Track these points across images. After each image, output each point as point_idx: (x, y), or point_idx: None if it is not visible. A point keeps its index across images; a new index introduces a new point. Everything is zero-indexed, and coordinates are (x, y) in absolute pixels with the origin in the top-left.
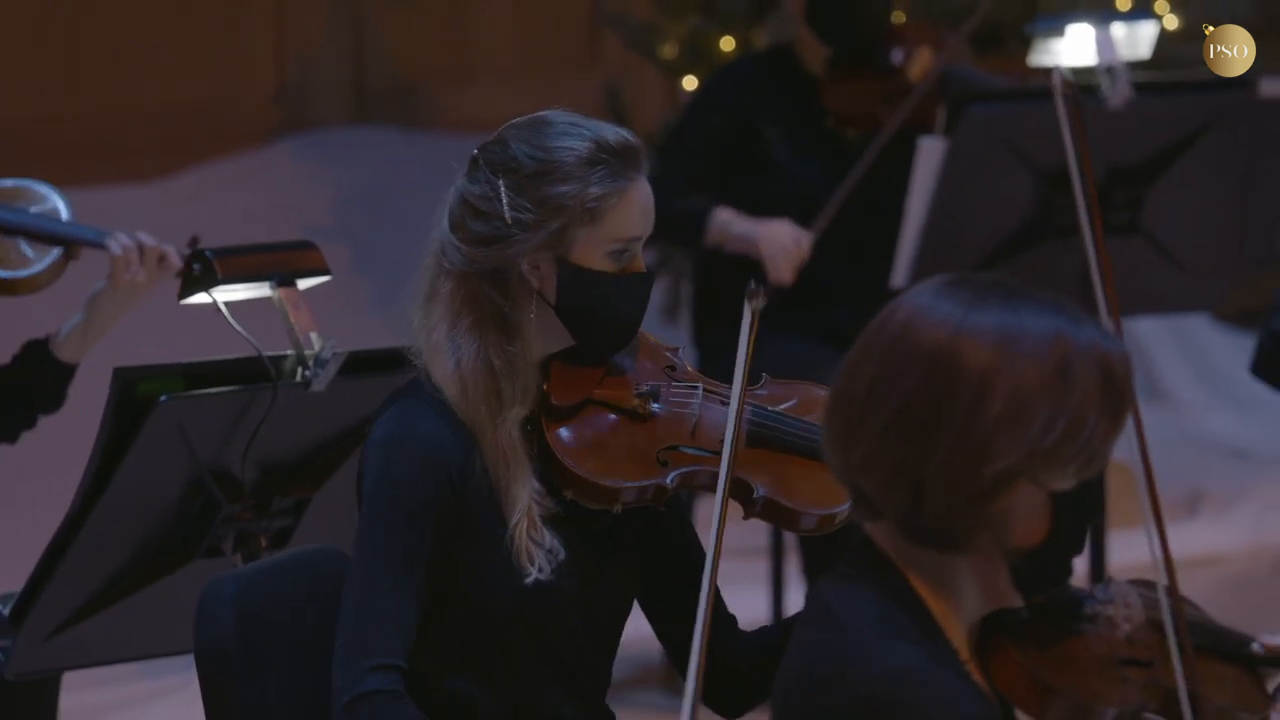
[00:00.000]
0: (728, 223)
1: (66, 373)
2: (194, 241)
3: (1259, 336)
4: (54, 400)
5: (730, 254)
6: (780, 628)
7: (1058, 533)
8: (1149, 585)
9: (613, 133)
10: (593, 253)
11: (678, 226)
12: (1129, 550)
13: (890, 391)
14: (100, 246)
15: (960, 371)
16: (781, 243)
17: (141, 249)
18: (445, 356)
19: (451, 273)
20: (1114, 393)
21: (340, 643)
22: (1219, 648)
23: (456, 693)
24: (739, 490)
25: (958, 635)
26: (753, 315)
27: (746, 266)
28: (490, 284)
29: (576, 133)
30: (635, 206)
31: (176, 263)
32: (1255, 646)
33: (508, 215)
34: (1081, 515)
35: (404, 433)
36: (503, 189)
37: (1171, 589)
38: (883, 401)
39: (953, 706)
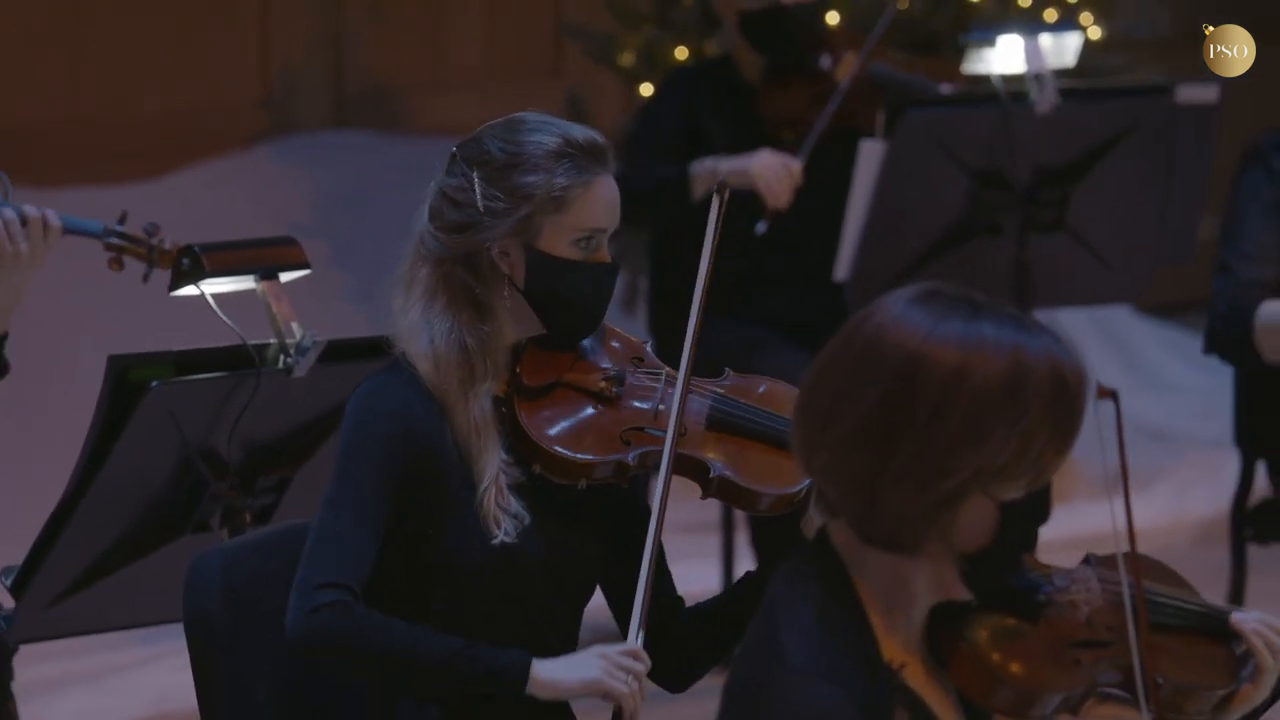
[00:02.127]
0: (714, 166)
1: None
2: (123, 217)
3: (1208, 321)
4: None
5: (677, 246)
6: (719, 601)
7: (1004, 538)
8: (1115, 563)
9: (581, 131)
10: (559, 241)
11: (662, 190)
12: (1059, 524)
13: (853, 403)
14: None
15: (922, 385)
16: (774, 170)
17: (24, 219)
18: (420, 335)
19: (429, 258)
20: (1065, 405)
21: (298, 575)
22: (1188, 623)
23: None
24: (697, 470)
25: (898, 633)
26: (720, 205)
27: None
28: (464, 268)
29: (547, 129)
30: (600, 199)
31: (57, 225)
32: (1236, 619)
33: (480, 204)
34: (1027, 522)
35: (375, 399)
36: (476, 180)
37: (1134, 563)
38: (846, 412)
39: None
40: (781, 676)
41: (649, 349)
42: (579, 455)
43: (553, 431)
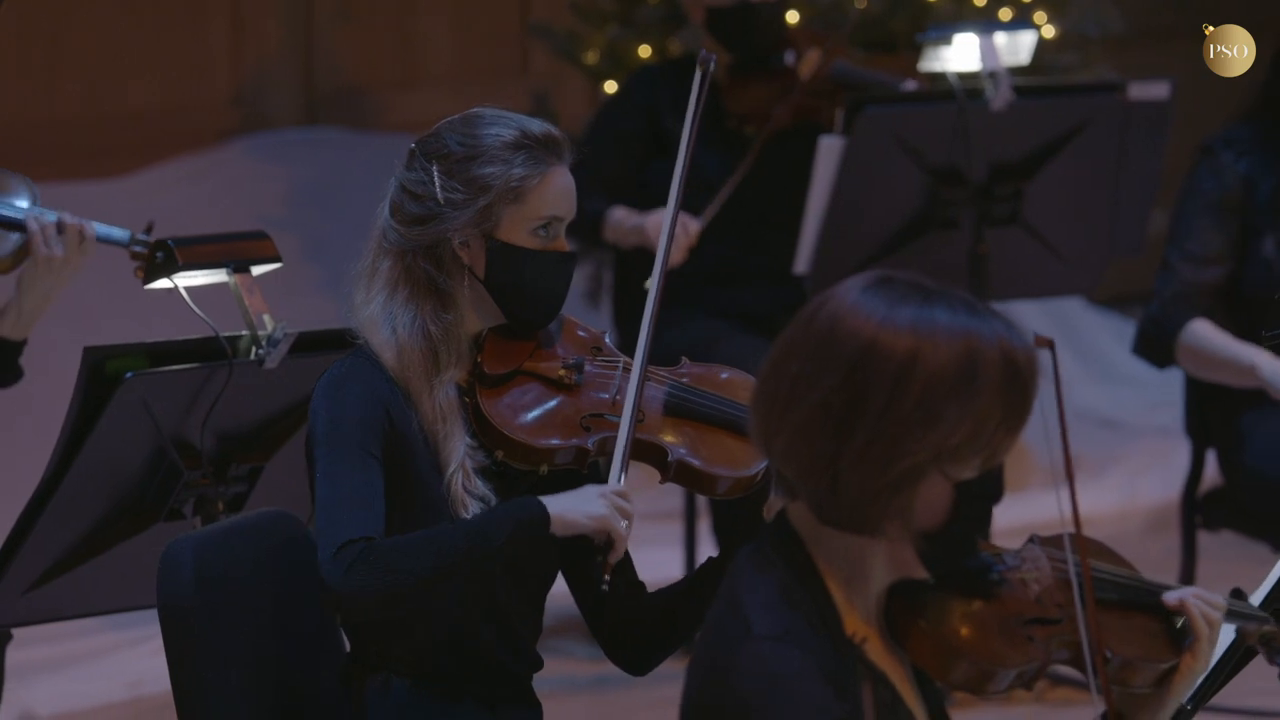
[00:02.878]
0: (621, 220)
1: (12, 349)
2: (149, 227)
3: (1139, 322)
4: (7, 374)
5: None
6: (681, 585)
7: (960, 517)
8: (1062, 543)
9: (537, 124)
10: (517, 230)
11: (579, 225)
12: (1014, 511)
13: (811, 387)
14: (19, 225)
15: (877, 371)
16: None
17: (60, 226)
18: (382, 325)
19: (390, 251)
20: (1017, 388)
21: (319, 544)
22: (1132, 600)
23: (393, 622)
24: (655, 454)
25: (858, 611)
26: (703, 76)
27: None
28: (426, 260)
29: (503, 122)
30: (556, 189)
31: (92, 233)
32: (1168, 596)
33: (440, 196)
34: (982, 501)
35: (345, 382)
36: (436, 173)
37: (1080, 542)
38: (804, 396)
39: (807, 716)
40: (746, 644)
41: (608, 339)
42: (539, 442)
43: (514, 418)
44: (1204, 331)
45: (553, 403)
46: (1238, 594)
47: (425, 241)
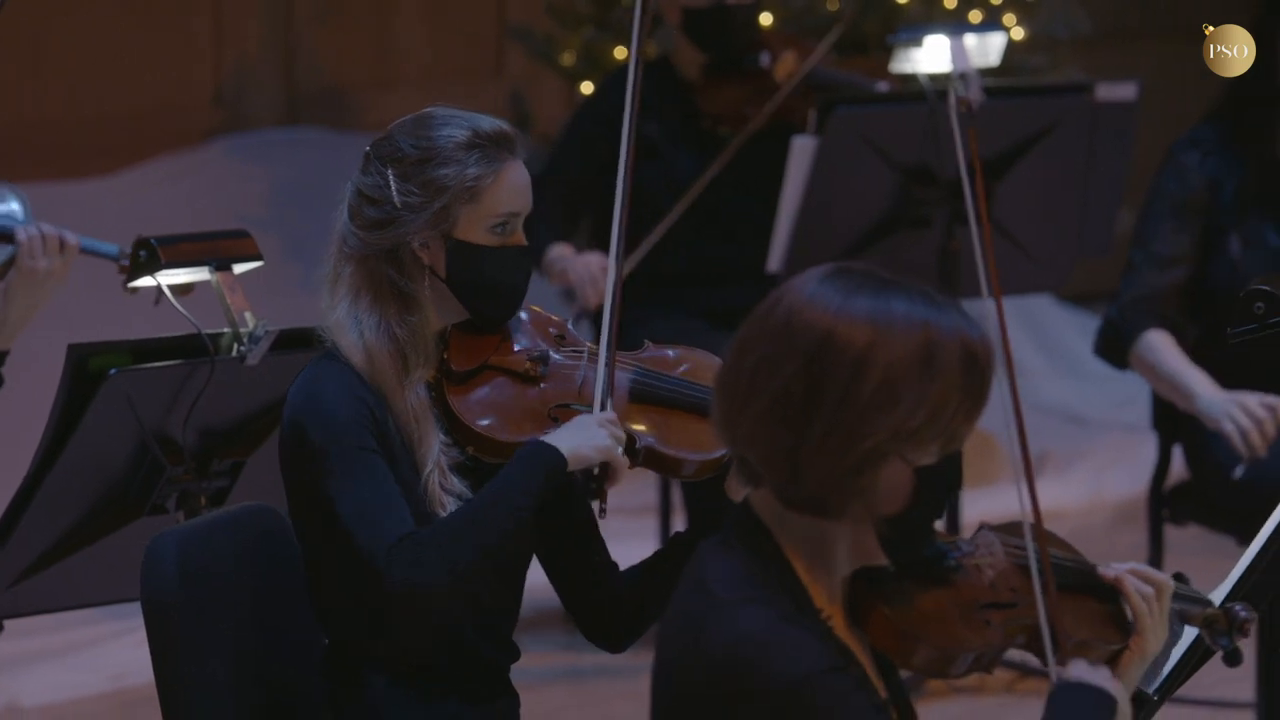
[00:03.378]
0: (554, 258)
1: None
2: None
3: (1101, 322)
4: None
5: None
6: (651, 559)
7: (920, 501)
8: (1014, 530)
9: (488, 122)
10: (475, 229)
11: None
12: (982, 504)
13: (771, 376)
14: (9, 236)
15: (835, 360)
16: (589, 271)
17: (44, 238)
18: (349, 329)
19: (352, 256)
20: (975, 377)
21: (368, 560)
22: (1080, 584)
23: (374, 613)
24: (623, 441)
25: (822, 594)
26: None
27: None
28: (387, 263)
29: (455, 123)
30: (511, 185)
31: (75, 243)
32: (1105, 571)
33: (397, 200)
34: (942, 486)
35: (319, 382)
36: (391, 177)
37: (1038, 529)
38: (764, 385)
39: (794, 663)
40: (714, 610)
41: (570, 326)
42: (507, 436)
43: (482, 414)
44: (1158, 344)
45: (520, 396)
46: (1179, 578)
47: (385, 246)
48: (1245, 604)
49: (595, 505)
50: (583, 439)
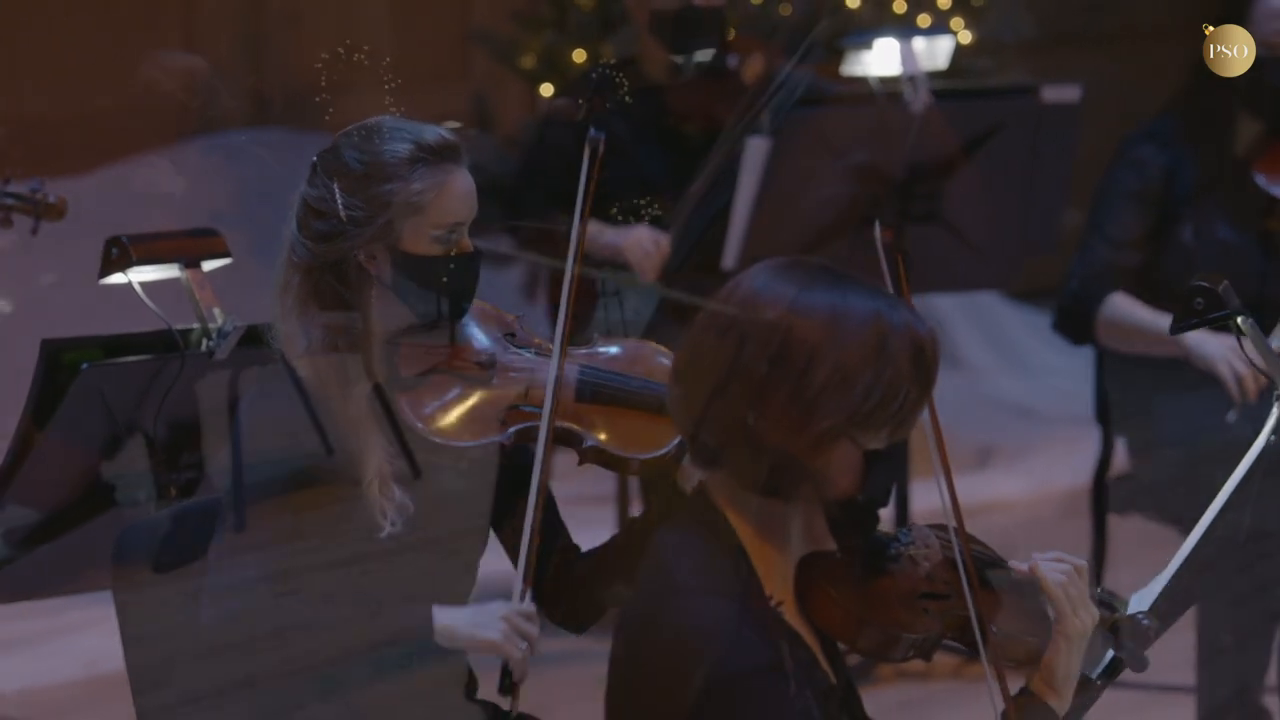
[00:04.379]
0: (595, 234)
1: None
2: (39, 185)
3: (1058, 299)
4: None
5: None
6: (609, 542)
7: (868, 486)
8: (944, 528)
9: (432, 133)
10: (420, 239)
11: (547, 240)
12: (930, 497)
13: (728, 361)
14: None
15: (792, 344)
16: (644, 247)
17: None
18: (297, 340)
19: (299, 266)
20: (923, 367)
21: None
22: (1001, 581)
23: None
24: (571, 439)
25: (775, 577)
26: (591, 157)
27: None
28: (332, 274)
29: (399, 136)
30: (454, 196)
31: None
32: (1017, 564)
33: (343, 213)
34: (889, 471)
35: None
36: (337, 190)
37: (960, 530)
38: (722, 370)
39: (732, 660)
40: (671, 598)
41: (520, 324)
42: (456, 442)
43: (432, 420)
44: (1124, 304)
45: (469, 399)
46: (1105, 592)
47: (332, 257)
48: (1148, 613)
49: (506, 700)
50: (470, 622)
